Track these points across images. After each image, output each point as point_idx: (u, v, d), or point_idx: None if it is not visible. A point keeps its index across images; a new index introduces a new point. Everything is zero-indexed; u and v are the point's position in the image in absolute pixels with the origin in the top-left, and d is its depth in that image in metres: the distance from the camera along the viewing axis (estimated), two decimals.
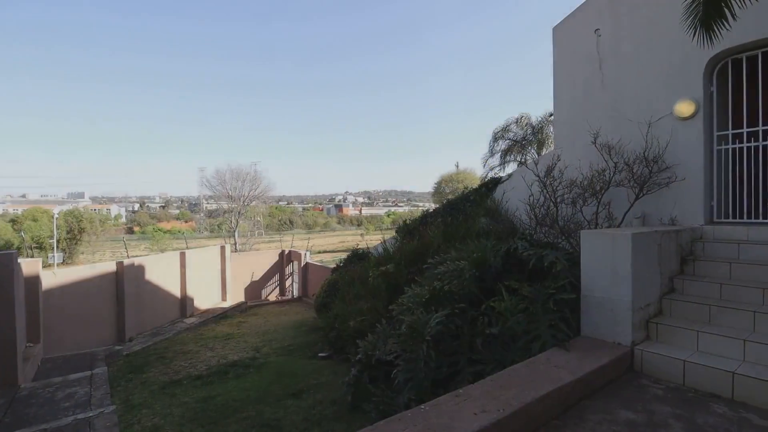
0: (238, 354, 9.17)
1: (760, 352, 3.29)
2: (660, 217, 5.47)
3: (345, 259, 11.54)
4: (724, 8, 3.78)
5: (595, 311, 3.92)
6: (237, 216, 32.74)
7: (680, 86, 5.32)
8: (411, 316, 4.30)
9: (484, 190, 8.36)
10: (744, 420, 2.84)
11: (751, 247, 4.46)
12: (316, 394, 5.88)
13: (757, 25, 4.70)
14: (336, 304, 8.46)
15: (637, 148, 5.55)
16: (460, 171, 31.09)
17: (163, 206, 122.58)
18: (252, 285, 18.73)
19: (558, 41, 6.87)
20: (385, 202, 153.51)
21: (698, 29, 4.01)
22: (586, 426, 2.80)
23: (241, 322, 13.49)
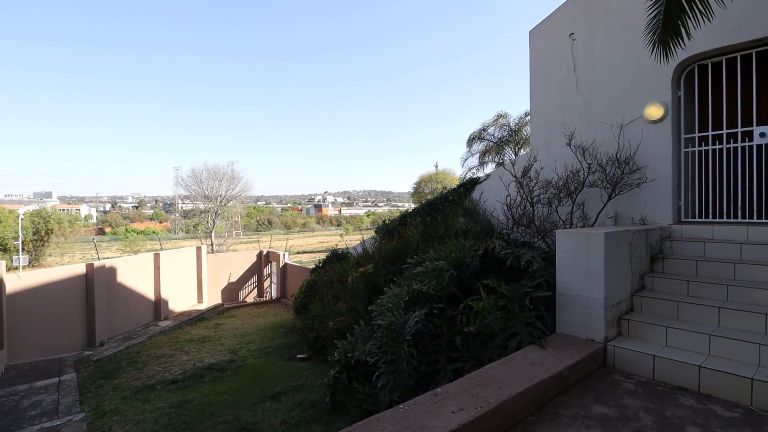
0: (215, 357, 9.00)
1: (724, 346, 3.43)
2: (631, 217, 5.64)
3: (324, 260, 11.45)
4: (681, 27, 3.97)
5: (570, 309, 4.00)
6: (214, 216, 32.08)
7: (650, 90, 5.50)
8: (390, 317, 4.30)
9: (463, 190, 8.44)
10: (710, 411, 2.95)
11: (715, 246, 4.65)
12: (294, 397, 5.82)
13: (721, 34, 4.91)
14: (315, 305, 8.39)
15: (610, 150, 5.71)
16: (439, 171, 31.31)
17: (137, 206, 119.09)
18: (229, 286, 18.39)
19: (534, 44, 7.00)
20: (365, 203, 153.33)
21: (656, 45, 4.19)
22: (561, 421, 2.86)
23: (218, 324, 13.24)
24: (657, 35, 4.12)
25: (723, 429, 2.72)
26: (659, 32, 4.07)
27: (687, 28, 3.98)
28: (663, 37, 4.09)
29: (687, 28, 3.97)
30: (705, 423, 2.80)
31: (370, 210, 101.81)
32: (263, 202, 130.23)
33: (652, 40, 4.21)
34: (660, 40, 4.14)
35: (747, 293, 3.89)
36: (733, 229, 4.76)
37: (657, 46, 4.20)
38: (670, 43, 4.11)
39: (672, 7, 3.87)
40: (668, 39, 4.09)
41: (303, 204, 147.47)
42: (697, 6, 3.80)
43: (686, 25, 3.96)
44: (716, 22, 4.86)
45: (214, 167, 33.20)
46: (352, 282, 7.27)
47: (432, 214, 8.64)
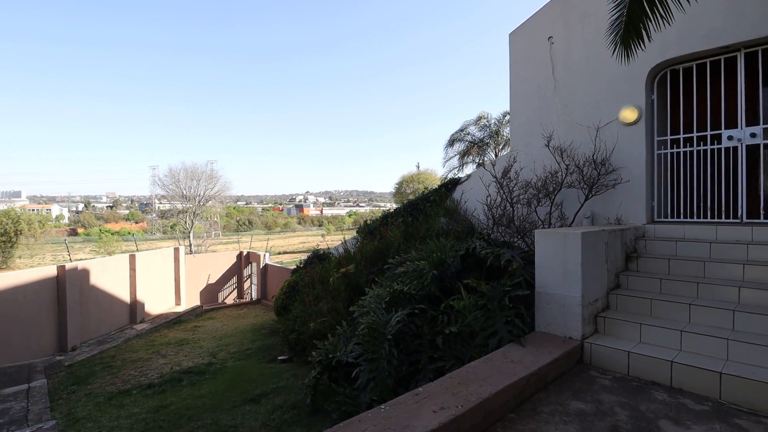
0: (193, 360, 8.81)
1: (694, 341, 3.55)
2: (607, 217, 5.78)
3: (305, 260, 11.35)
4: (642, 30, 4.12)
5: (549, 307, 4.08)
6: (192, 216, 31.43)
7: (625, 93, 5.65)
8: (372, 317, 4.29)
9: (444, 190, 8.50)
10: (681, 405, 3.05)
11: (686, 245, 4.81)
12: (275, 399, 5.74)
13: (692, 40, 5.08)
14: (296, 306, 8.31)
15: (587, 151, 5.83)
16: (421, 172, 31.46)
17: (111, 206, 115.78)
18: (208, 288, 18.06)
19: (514, 47, 7.10)
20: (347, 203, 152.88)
21: (618, 46, 4.34)
22: (539, 418, 2.91)
23: (197, 326, 12.98)
24: (619, 36, 4.26)
25: (693, 422, 2.81)
26: (621, 33, 4.21)
27: (648, 31, 4.13)
28: (625, 38, 4.23)
29: (648, 31, 4.13)
30: (677, 416, 2.89)
31: (352, 210, 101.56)
32: (243, 202, 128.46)
33: (614, 41, 4.35)
34: (622, 41, 4.28)
35: (716, 290, 4.04)
36: (702, 229, 4.92)
37: (619, 47, 4.34)
38: (631, 44, 4.26)
39: (634, 10, 4.00)
40: (630, 40, 4.24)
41: (284, 204, 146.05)
42: (658, 10, 3.94)
43: (647, 28, 4.11)
44: (687, 29, 5.04)
45: (193, 166, 32.54)
46: (333, 282, 7.23)
47: (413, 214, 8.67)
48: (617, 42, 4.33)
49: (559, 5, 6.43)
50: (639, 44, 4.25)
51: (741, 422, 2.80)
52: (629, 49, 4.31)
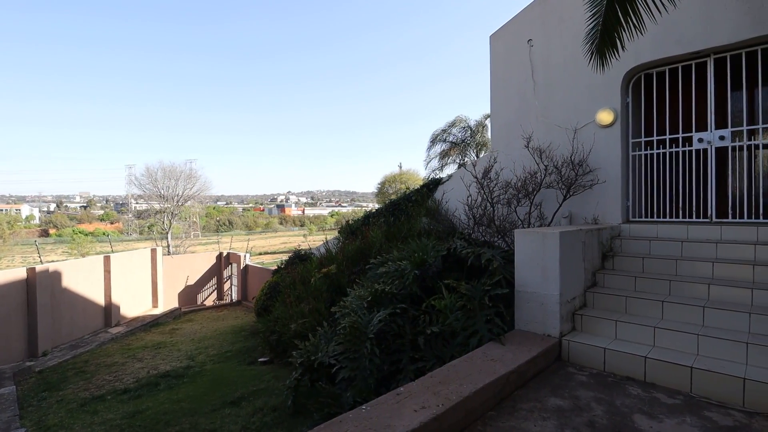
0: (171, 363, 8.63)
1: (667, 337, 3.66)
2: (585, 217, 5.91)
3: (287, 261, 11.25)
4: (617, 39, 4.28)
5: (528, 305, 4.14)
6: (170, 217, 30.75)
7: (601, 96, 5.78)
8: (353, 317, 4.28)
9: (425, 190, 8.54)
10: (654, 399, 3.14)
11: (660, 243, 4.95)
12: (255, 401, 5.67)
13: (664, 46, 5.23)
14: (277, 307, 8.23)
15: (565, 153, 5.95)
16: (403, 172, 31.54)
17: (85, 206, 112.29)
18: (187, 290, 17.71)
19: (494, 49, 7.18)
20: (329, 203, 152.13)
21: (594, 55, 4.48)
22: (519, 415, 2.95)
23: (174, 329, 12.72)
24: (595, 45, 4.40)
25: (666, 415, 2.90)
26: (597, 42, 4.34)
27: (622, 40, 4.28)
28: (600, 47, 4.38)
29: (622, 40, 4.27)
30: (650, 410, 2.97)
31: (334, 210, 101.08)
32: (223, 202, 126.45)
33: (590, 49, 4.49)
34: (597, 50, 4.43)
35: (687, 288, 4.17)
36: (675, 228, 5.08)
37: (595, 55, 4.49)
38: (606, 53, 4.41)
39: (609, 20, 4.13)
40: (605, 49, 4.38)
41: (265, 204, 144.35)
42: (632, 20, 4.09)
43: (621, 38, 4.25)
44: (661, 35, 5.19)
45: (171, 166, 31.85)
46: (315, 283, 7.19)
47: (395, 214, 8.68)
48: (593, 51, 4.47)
49: (538, 8, 6.54)
50: (613, 53, 4.39)
51: (710, 414, 2.90)
52: (604, 57, 4.45)
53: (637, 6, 4.00)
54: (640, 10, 4.02)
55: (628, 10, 4.02)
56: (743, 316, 3.58)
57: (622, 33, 4.20)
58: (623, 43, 4.28)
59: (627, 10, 4.02)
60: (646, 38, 5.18)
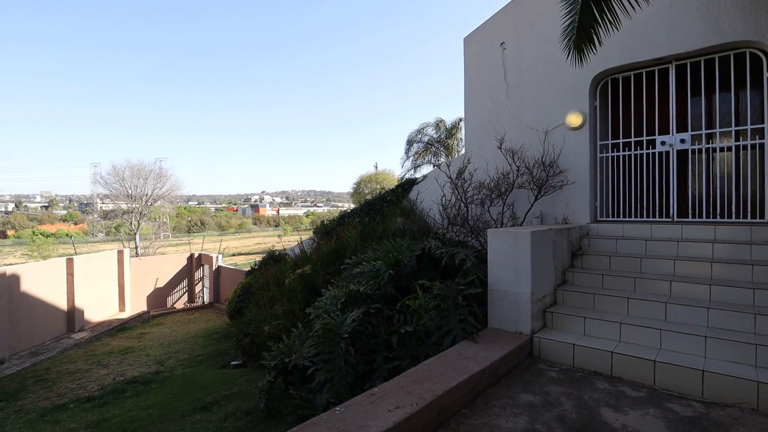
0: (138, 369, 8.35)
1: (631, 333, 3.79)
2: (555, 216, 6.06)
3: (260, 262, 11.06)
4: (594, 35, 4.40)
5: (500, 304, 4.21)
6: (138, 217, 29.74)
7: (571, 99, 5.94)
8: (327, 318, 4.25)
9: (401, 190, 8.57)
10: (620, 392, 3.25)
11: (626, 242, 5.13)
12: (227, 406, 5.55)
13: (630, 51, 5.42)
14: (250, 309, 8.07)
15: (537, 154, 6.09)
16: (379, 172, 31.57)
17: (47, 206, 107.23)
18: (156, 292, 17.17)
19: (468, 51, 7.28)
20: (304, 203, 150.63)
21: (572, 50, 4.59)
22: (491, 412, 2.99)
23: (143, 333, 12.31)
24: (572, 41, 4.50)
25: (631, 408, 3.00)
26: (574, 38, 4.45)
27: (599, 36, 4.40)
28: (578, 42, 4.49)
29: (599, 35, 4.40)
30: (616, 403, 3.07)
31: (310, 210, 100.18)
32: (195, 202, 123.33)
33: (567, 45, 4.60)
34: (575, 46, 4.53)
35: (650, 284, 4.34)
36: (639, 227, 5.28)
37: (572, 51, 4.59)
38: (583, 48, 4.52)
39: (585, 16, 4.24)
40: (582, 45, 4.49)
41: (239, 204, 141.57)
42: (607, 16, 4.22)
43: (598, 33, 4.38)
44: (626, 41, 5.38)
45: (139, 164, 30.86)
46: (289, 284, 7.09)
47: (370, 214, 8.67)
48: (570, 47, 4.56)
49: (511, 12, 6.66)
50: (591, 48, 4.50)
51: (672, 406, 3.02)
52: (582, 53, 4.55)
53: (612, 4, 4.12)
54: (614, 6, 4.14)
55: (603, 6, 4.12)
56: (702, 311, 3.75)
57: (598, 29, 4.31)
58: (600, 38, 4.39)
59: (602, 7, 4.13)
60: (613, 44, 5.36)
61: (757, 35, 4.58)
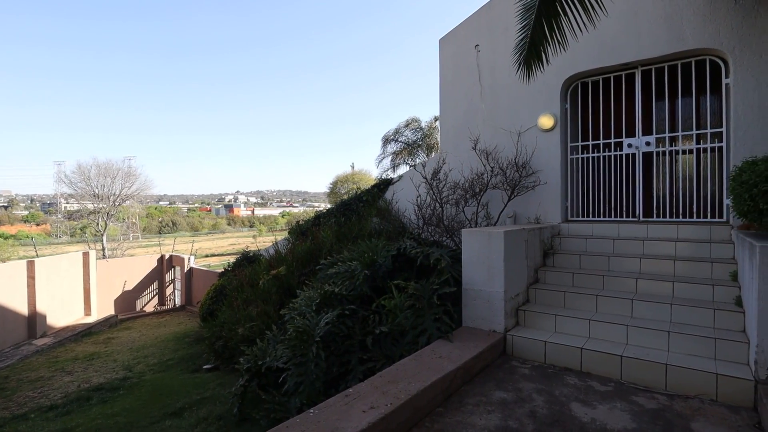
0: (105, 375, 8.04)
1: (600, 329, 3.90)
2: (528, 216, 6.18)
3: (234, 263, 10.85)
4: (542, 53, 4.60)
5: (474, 303, 4.26)
6: (105, 217, 28.68)
7: (542, 102, 6.08)
8: (302, 320, 4.20)
9: (376, 190, 8.57)
10: (589, 387, 3.34)
11: (595, 241, 5.29)
12: (199, 411, 5.40)
13: (599, 56, 5.59)
14: (223, 311, 7.90)
15: (510, 155, 6.19)
16: (355, 172, 31.49)
17: (6, 206, 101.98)
18: (124, 295, 16.59)
19: (443, 53, 7.34)
20: (280, 203, 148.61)
21: (521, 65, 4.78)
22: (465, 409, 3.02)
23: (110, 338, 11.87)
24: (522, 56, 4.70)
25: (599, 402, 3.09)
26: (525, 54, 4.63)
27: (547, 54, 4.61)
28: (527, 58, 4.69)
29: (547, 54, 4.61)
30: (585, 398, 3.15)
31: (285, 210, 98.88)
32: (166, 202, 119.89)
33: (518, 60, 4.78)
34: (525, 61, 4.73)
35: (618, 282, 4.48)
36: (608, 227, 5.44)
37: (522, 66, 4.79)
38: (532, 64, 4.72)
39: (536, 34, 4.42)
40: (531, 60, 4.70)
41: (212, 204, 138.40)
42: (556, 36, 4.42)
43: (546, 52, 4.58)
44: (595, 46, 5.54)
45: (106, 163, 29.77)
46: (263, 285, 6.98)
47: (346, 214, 8.64)
48: (520, 62, 4.77)
49: (485, 15, 6.76)
50: (539, 66, 4.71)
51: (637, 399, 3.13)
52: (530, 69, 4.76)
53: (562, 24, 4.30)
54: (563, 28, 4.32)
55: (554, 26, 4.33)
56: (666, 307, 3.90)
57: (548, 48, 4.52)
58: (548, 57, 4.64)
59: (552, 26, 4.32)
60: (582, 49, 5.52)
61: (717, 43, 4.80)
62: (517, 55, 4.76)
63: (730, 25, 4.73)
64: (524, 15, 4.47)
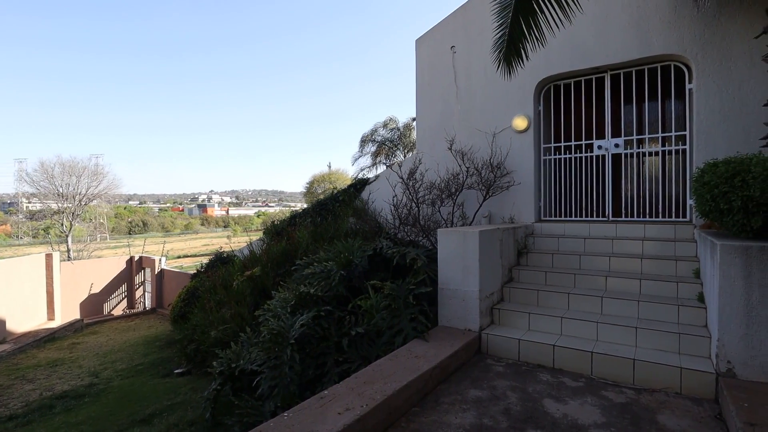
0: (70, 382, 7.71)
1: (572, 326, 3.99)
2: (503, 216, 6.27)
3: (207, 264, 10.60)
4: (522, 49, 4.68)
5: (450, 302, 4.29)
6: (70, 218, 27.51)
7: (517, 104, 6.18)
8: (277, 322, 4.13)
9: (353, 190, 8.53)
10: (561, 383, 3.41)
11: (567, 240, 5.41)
12: (169, 417, 5.25)
13: (570, 60, 5.73)
14: (196, 314, 7.71)
15: (485, 155, 6.27)
16: (332, 171, 31.27)
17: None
18: (91, 299, 15.96)
19: (420, 53, 7.37)
20: (255, 202, 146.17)
21: (501, 63, 4.84)
22: (441, 408, 3.04)
23: (75, 343, 11.39)
24: (502, 54, 4.75)
25: (571, 398, 3.16)
26: (504, 51, 4.69)
27: (526, 51, 4.69)
28: (507, 55, 4.75)
29: (526, 50, 4.68)
30: (557, 394, 3.22)
31: (261, 210, 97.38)
32: (137, 202, 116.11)
33: (498, 58, 4.84)
34: (504, 58, 4.79)
35: (588, 280, 4.60)
36: (579, 226, 5.58)
37: (502, 63, 4.84)
38: (512, 62, 4.79)
39: (515, 31, 4.49)
40: (511, 58, 4.77)
41: (185, 204, 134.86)
42: (534, 33, 4.50)
43: (525, 48, 4.66)
44: (567, 50, 5.67)
45: (71, 161, 28.53)
46: (237, 287, 6.84)
47: (322, 214, 8.56)
48: (500, 59, 4.82)
49: (461, 17, 6.82)
50: (519, 62, 4.77)
51: (607, 394, 3.21)
52: (510, 66, 4.81)
53: (539, 20, 4.37)
54: (541, 25, 4.41)
55: (531, 24, 4.39)
56: (633, 304, 4.02)
57: (526, 44, 4.58)
58: (527, 53, 4.69)
59: (530, 23, 4.39)
60: (555, 52, 5.64)
61: (681, 49, 4.99)
62: (496, 52, 4.80)
63: (693, 33, 4.92)
64: (501, 13, 4.52)
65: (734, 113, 4.72)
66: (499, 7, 4.54)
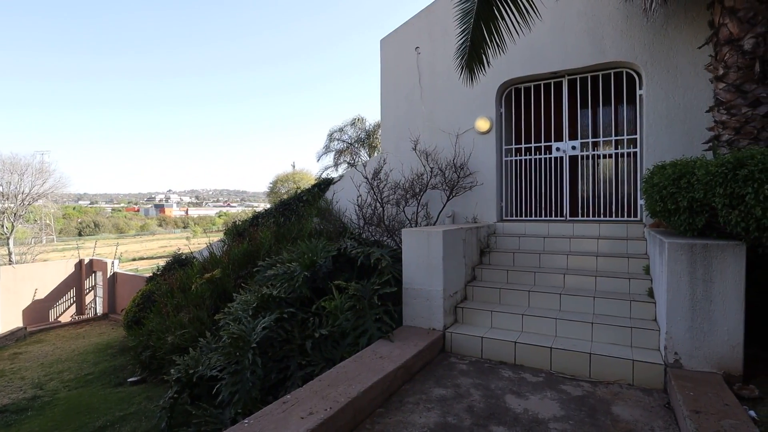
0: (10, 396, 7.17)
1: (532, 323, 4.10)
2: (466, 216, 6.37)
3: (164, 266, 10.15)
4: (483, 55, 4.80)
5: (415, 302, 4.30)
6: (12, 218, 25.61)
7: (479, 105, 6.29)
8: (237, 325, 4.00)
9: (317, 190, 8.42)
10: (522, 379, 3.49)
11: (527, 240, 5.56)
12: (122, 428, 4.97)
13: (530, 64, 5.89)
14: (151, 319, 7.36)
15: (449, 156, 6.35)
16: (296, 171, 30.76)
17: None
18: (35, 305, 14.94)
19: (385, 53, 7.37)
20: (216, 202, 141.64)
21: (463, 69, 4.96)
22: (406, 408, 3.03)
23: (17, 353, 10.61)
24: (464, 60, 4.86)
25: (531, 393, 3.24)
26: (466, 58, 4.80)
27: (488, 57, 4.81)
28: (469, 62, 4.86)
29: (488, 56, 4.80)
30: (518, 390, 3.29)
31: (223, 211, 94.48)
32: (87, 202, 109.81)
33: (460, 64, 4.94)
34: (467, 65, 4.90)
35: (547, 278, 4.74)
36: (539, 226, 5.75)
37: (464, 70, 4.96)
38: (474, 68, 4.90)
39: (476, 38, 4.60)
40: (473, 64, 4.87)
41: (141, 204, 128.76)
42: (495, 39, 4.63)
43: (487, 54, 4.78)
44: (527, 54, 5.83)
45: (12, 157, 26.53)
46: (196, 290, 6.58)
47: (286, 214, 8.40)
48: (463, 65, 4.91)
49: (425, 19, 6.87)
50: (481, 69, 4.89)
51: (565, 387, 3.32)
52: (472, 72, 4.91)
53: (500, 26, 4.48)
54: (501, 31, 4.52)
55: (492, 29, 4.50)
56: (590, 300, 4.18)
57: (488, 50, 4.70)
58: (489, 60, 4.80)
59: (491, 30, 4.50)
60: (516, 56, 5.78)
61: (632, 57, 5.24)
62: (459, 59, 4.89)
63: (643, 42, 5.19)
64: (463, 19, 4.60)
65: (680, 118, 5.01)
66: (462, 13, 4.62)
